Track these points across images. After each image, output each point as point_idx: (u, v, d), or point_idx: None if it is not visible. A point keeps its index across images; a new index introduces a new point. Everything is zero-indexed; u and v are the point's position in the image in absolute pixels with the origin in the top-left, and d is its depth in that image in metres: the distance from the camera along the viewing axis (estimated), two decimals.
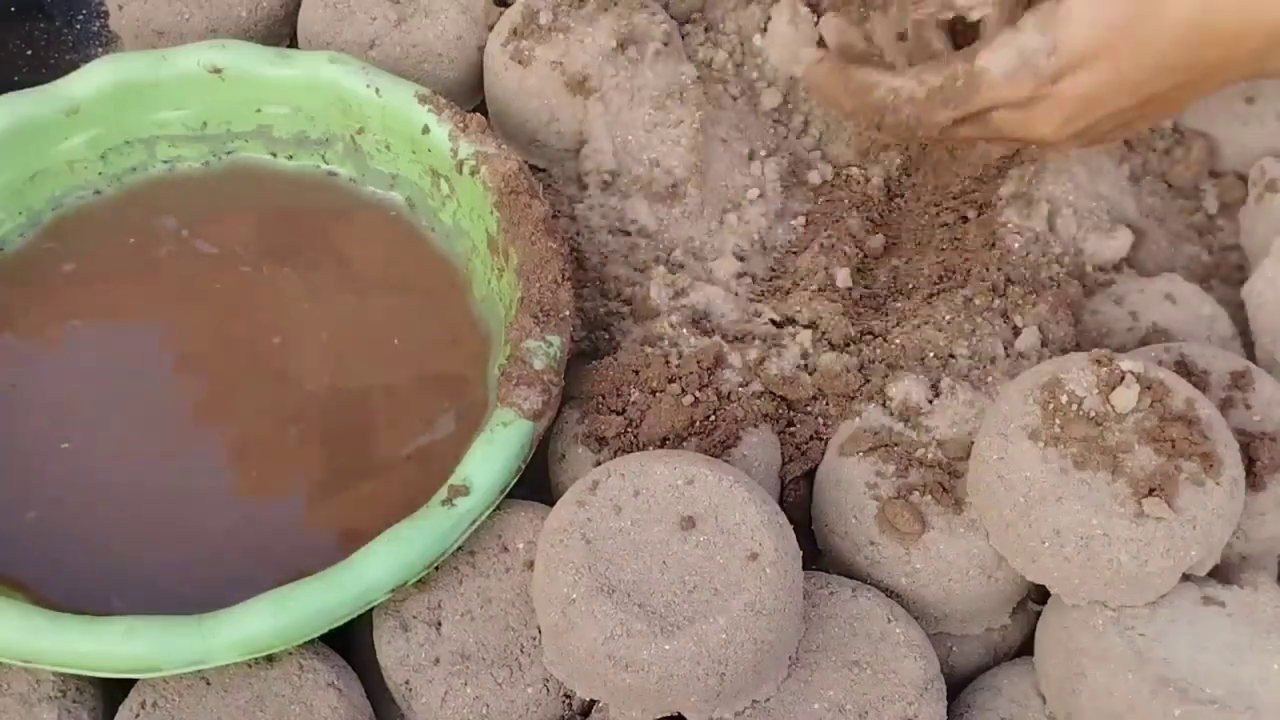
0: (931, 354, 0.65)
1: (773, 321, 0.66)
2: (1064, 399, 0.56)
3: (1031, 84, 0.59)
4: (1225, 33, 0.56)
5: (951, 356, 0.65)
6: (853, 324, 0.66)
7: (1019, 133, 0.62)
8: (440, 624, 0.57)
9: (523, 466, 0.58)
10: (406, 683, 0.56)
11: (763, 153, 0.73)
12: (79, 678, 0.56)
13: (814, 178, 0.74)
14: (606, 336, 0.67)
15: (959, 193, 0.73)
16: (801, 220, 0.73)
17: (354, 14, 0.75)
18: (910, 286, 0.70)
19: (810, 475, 0.63)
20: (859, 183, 0.74)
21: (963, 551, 0.58)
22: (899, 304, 0.68)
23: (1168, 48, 0.56)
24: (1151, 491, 0.53)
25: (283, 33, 0.79)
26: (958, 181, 0.73)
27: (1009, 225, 0.70)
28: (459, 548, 0.57)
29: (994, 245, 0.70)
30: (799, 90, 0.76)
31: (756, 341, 0.65)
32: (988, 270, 0.68)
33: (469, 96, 0.77)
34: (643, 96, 0.71)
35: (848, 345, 0.66)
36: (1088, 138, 0.62)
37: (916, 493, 0.59)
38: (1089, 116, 0.60)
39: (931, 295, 0.68)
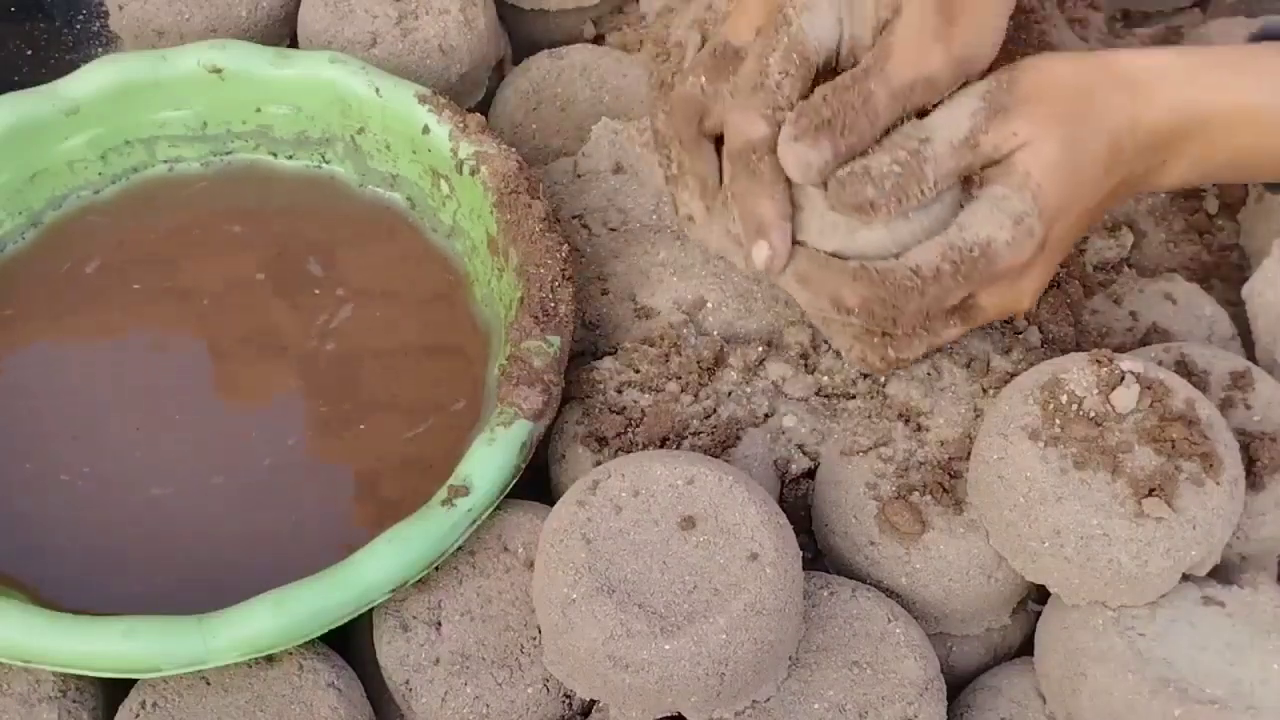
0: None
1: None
2: (1064, 399, 0.56)
3: (1031, 247, 0.55)
4: (1130, 155, 0.56)
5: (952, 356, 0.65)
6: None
7: (1007, 309, 0.58)
8: (440, 624, 0.57)
9: (523, 466, 0.58)
10: (406, 683, 0.56)
11: None
12: (79, 678, 0.56)
13: None
14: (606, 336, 0.67)
15: None
16: None
17: (354, 12, 0.74)
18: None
19: (810, 475, 0.63)
20: None
21: (963, 551, 0.58)
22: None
23: (1100, 179, 0.56)
24: (1151, 491, 0.53)
25: (283, 33, 0.78)
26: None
27: None
28: (459, 548, 0.57)
29: None
30: None
31: (756, 341, 0.65)
32: None
33: (470, 94, 0.77)
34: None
35: None
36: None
37: (916, 493, 0.59)
38: (1056, 266, 0.59)
39: None
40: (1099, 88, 0.56)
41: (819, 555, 0.62)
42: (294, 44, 0.78)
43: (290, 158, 0.73)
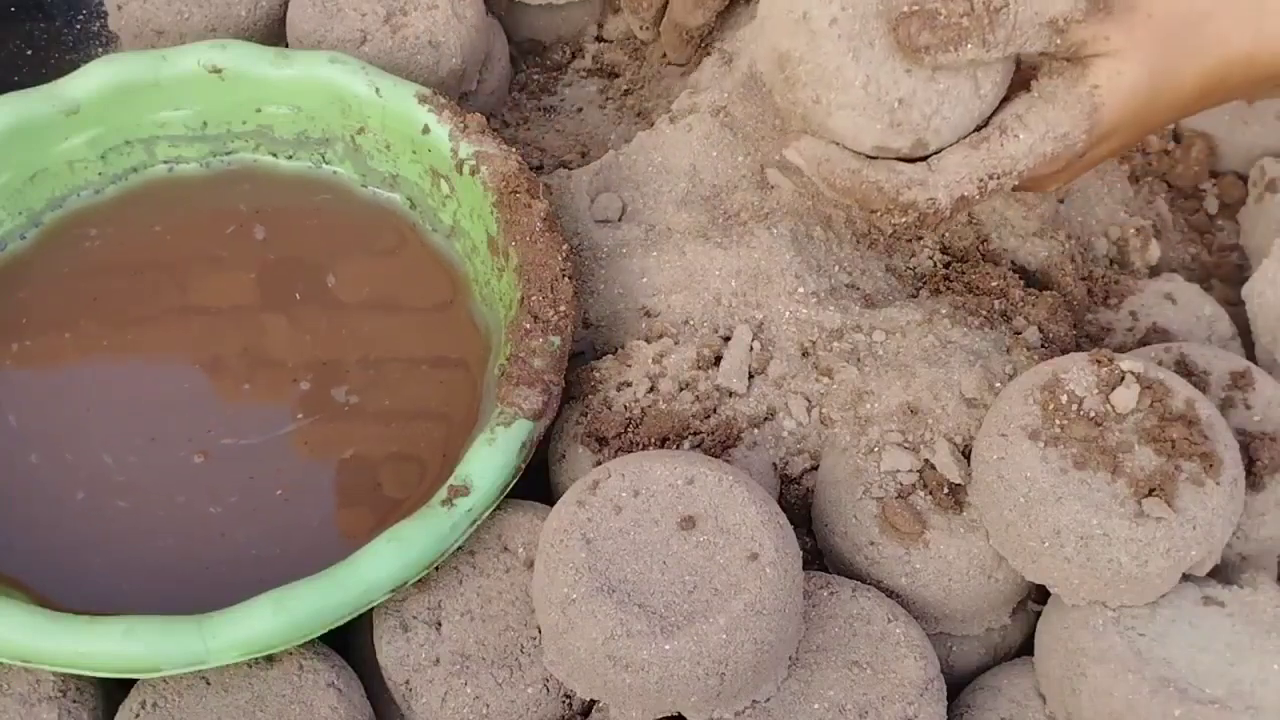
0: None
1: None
2: (1064, 399, 0.56)
3: (1065, 160, 0.55)
4: (1233, 85, 0.55)
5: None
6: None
7: (1028, 187, 0.59)
8: (440, 624, 0.57)
9: (523, 466, 0.58)
10: (406, 683, 0.56)
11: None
12: (79, 678, 0.56)
13: None
14: (606, 336, 0.67)
15: None
16: None
17: (343, 11, 0.74)
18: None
19: (810, 475, 0.63)
20: None
21: (963, 551, 0.58)
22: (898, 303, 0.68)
23: (1181, 105, 0.55)
24: (1151, 491, 0.53)
25: (282, 32, 0.78)
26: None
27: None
28: (459, 548, 0.57)
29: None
30: None
31: (757, 341, 0.65)
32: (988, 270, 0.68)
33: (461, 88, 0.77)
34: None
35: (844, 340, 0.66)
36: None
37: (916, 493, 0.59)
38: (1093, 168, 0.59)
39: (932, 295, 0.68)
40: (1222, 10, 0.52)
41: (819, 555, 0.62)
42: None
43: (290, 158, 0.73)
